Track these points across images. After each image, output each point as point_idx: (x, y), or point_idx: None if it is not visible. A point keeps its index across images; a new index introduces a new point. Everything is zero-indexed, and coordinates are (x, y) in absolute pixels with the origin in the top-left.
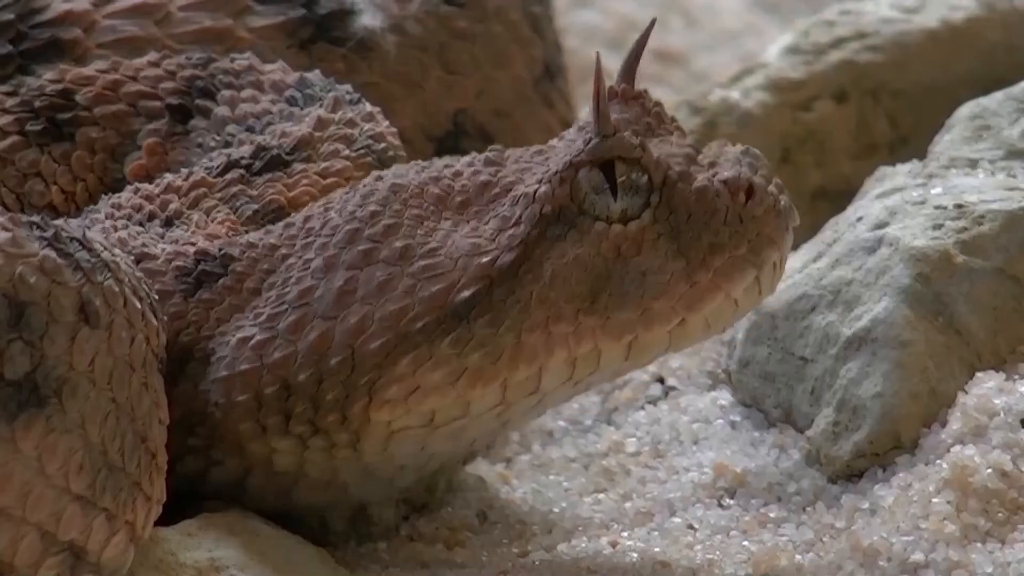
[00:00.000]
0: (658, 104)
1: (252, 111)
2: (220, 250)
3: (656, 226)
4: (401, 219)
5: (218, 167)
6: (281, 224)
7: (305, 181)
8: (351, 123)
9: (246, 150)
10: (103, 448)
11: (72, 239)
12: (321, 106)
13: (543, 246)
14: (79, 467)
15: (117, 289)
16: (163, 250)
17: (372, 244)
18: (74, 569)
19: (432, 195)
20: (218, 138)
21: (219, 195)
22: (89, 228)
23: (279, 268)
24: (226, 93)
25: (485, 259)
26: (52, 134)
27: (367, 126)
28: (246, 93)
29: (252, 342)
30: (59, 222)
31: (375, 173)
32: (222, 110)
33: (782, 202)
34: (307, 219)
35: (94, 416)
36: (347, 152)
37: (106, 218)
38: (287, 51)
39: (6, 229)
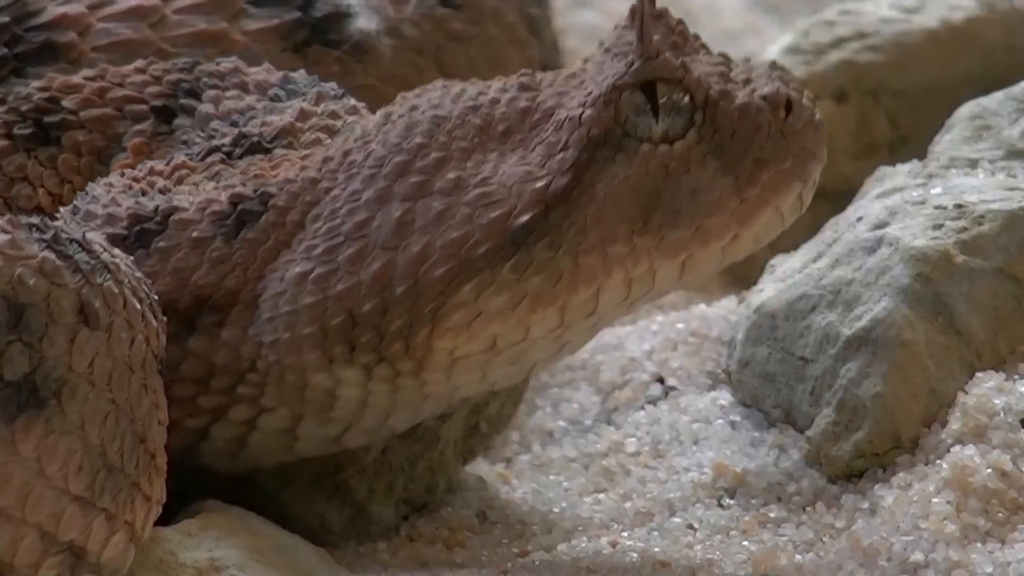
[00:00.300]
0: (680, 22)
1: (236, 107)
2: (256, 190)
3: (701, 145)
4: (449, 152)
5: (199, 153)
6: (318, 159)
7: (287, 163)
8: (334, 115)
9: (227, 139)
10: (102, 449)
11: (72, 240)
12: (304, 99)
13: (593, 169)
14: (78, 468)
15: (117, 290)
16: (191, 201)
17: (424, 176)
18: (74, 569)
19: (474, 125)
20: (202, 134)
21: (203, 175)
22: (89, 230)
23: (323, 200)
24: (211, 93)
25: (539, 184)
26: (39, 138)
27: (351, 119)
28: (231, 93)
29: (313, 275)
30: (59, 223)
31: (404, 99)
32: (206, 107)
33: (817, 115)
34: (346, 153)
35: (93, 417)
36: (329, 141)
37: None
38: (282, 54)
39: (5, 231)
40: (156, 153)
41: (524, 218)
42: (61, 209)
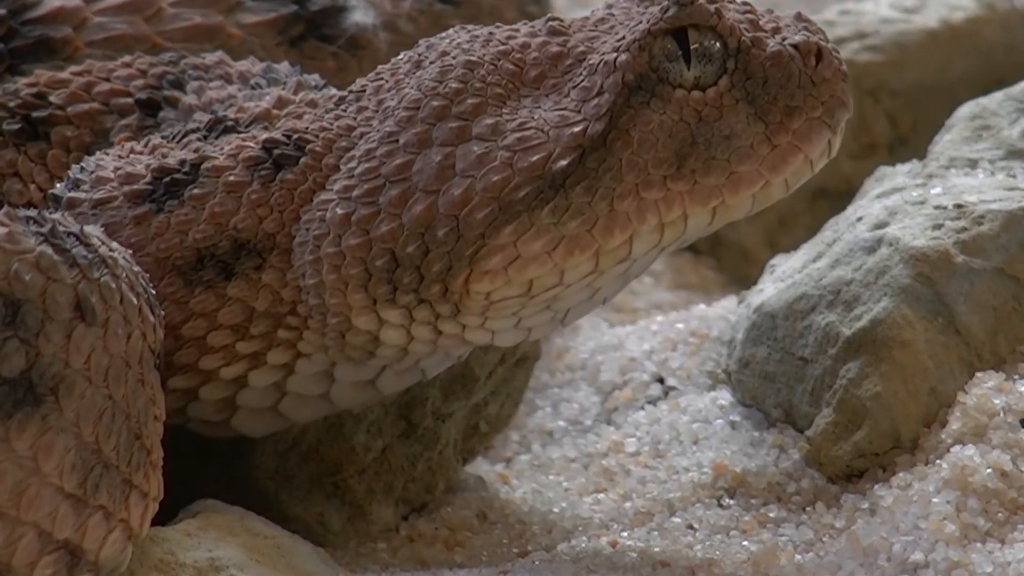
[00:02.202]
0: None
1: (217, 97)
2: (288, 135)
3: (733, 92)
4: (485, 97)
5: (175, 135)
6: (352, 107)
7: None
8: (312, 103)
9: (204, 124)
10: (97, 446)
11: (69, 234)
12: (284, 88)
13: (628, 114)
14: (72, 466)
15: (114, 285)
16: (221, 149)
17: (463, 121)
18: (71, 568)
19: (507, 70)
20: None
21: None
22: (102, 192)
23: (359, 144)
24: (194, 84)
25: (576, 129)
26: (28, 133)
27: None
28: (214, 84)
29: (355, 217)
30: (56, 216)
31: (430, 45)
32: (190, 99)
33: (843, 65)
34: (380, 101)
35: (90, 414)
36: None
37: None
38: (277, 48)
39: (3, 224)
40: None
41: (562, 162)
42: (57, 186)
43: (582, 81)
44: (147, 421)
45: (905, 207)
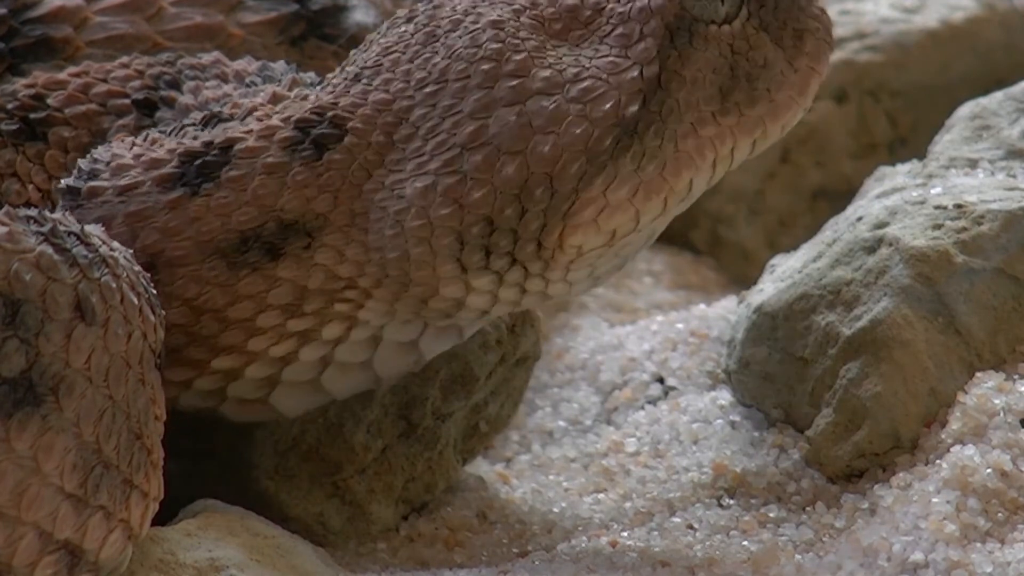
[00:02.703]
0: None
1: (213, 96)
2: (321, 114)
3: (752, 21)
4: (528, 52)
5: (171, 130)
6: (378, 80)
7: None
8: (306, 98)
9: (199, 120)
10: (98, 446)
11: (70, 233)
12: (279, 85)
13: (673, 55)
14: (72, 466)
15: (114, 285)
16: (249, 129)
17: (519, 79)
18: (71, 568)
19: (530, 26)
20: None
21: None
22: (127, 179)
23: (408, 119)
24: (191, 84)
25: (633, 73)
26: (26, 133)
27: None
28: (210, 83)
29: (440, 187)
30: (57, 215)
31: (425, 12)
32: (186, 98)
33: None
34: (408, 72)
35: (90, 414)
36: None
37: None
38: (278, 47)
39: (3, 224)
40: None
41: (633, 107)
42: (68, 179)
43: (615, 29)
44: (148, 421)
45: (905, 207)
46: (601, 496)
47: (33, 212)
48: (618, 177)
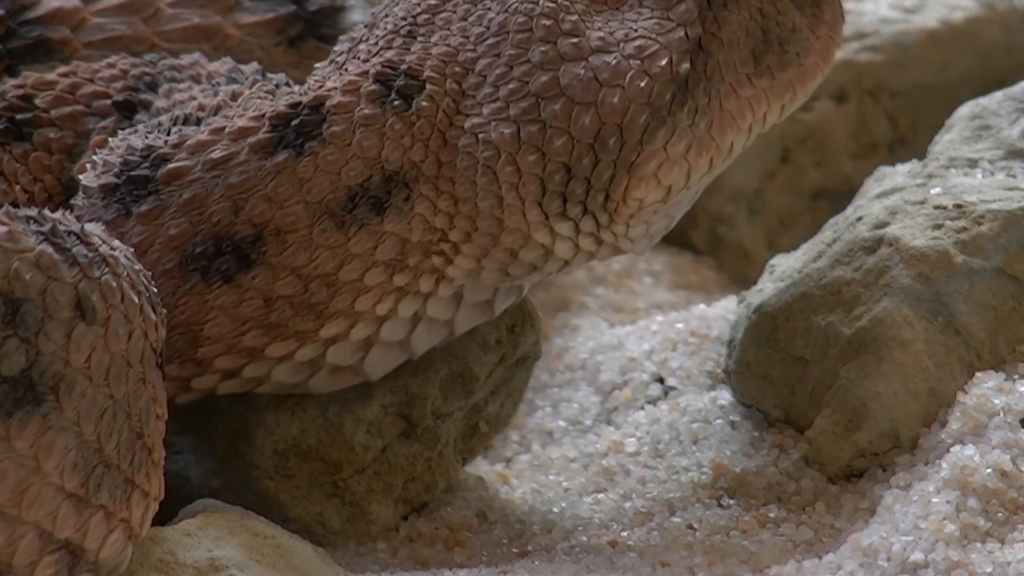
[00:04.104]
0: None
1: (181, 99)
2: (395, 67)
3: None
4: (579, 14)
5: (147, 131)
6: (435, 37)
7: None
8: (270, 92)
9: (168, 119)
10: (98, 445)
11: (70, 233)
12: (242, 85)
13: (710, 17)
14: (73, 465)
15: (115, 284)
16: (328, 89)
17: (578, 37)
18: (72, 567)
19: None
20: None
21: None
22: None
23: (473, 69)
24: (166, 87)
25: (680, 33)
26: (13, 133)
27: (286, 90)
28: (183, 85)
29: (524, 135)
30: (57, 215)
31: None
32: (159, 102)
33: None
34: (463, 29)
35: (91, 413)
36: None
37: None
38: (276, 48)
39: (3, 223)
40: None
41: (686, 64)
42: (95, 182)
43: None
44: (148, 420)
45: (905, 207)
46: (601, 496)
47: (33, 211)
48: (676, 131)
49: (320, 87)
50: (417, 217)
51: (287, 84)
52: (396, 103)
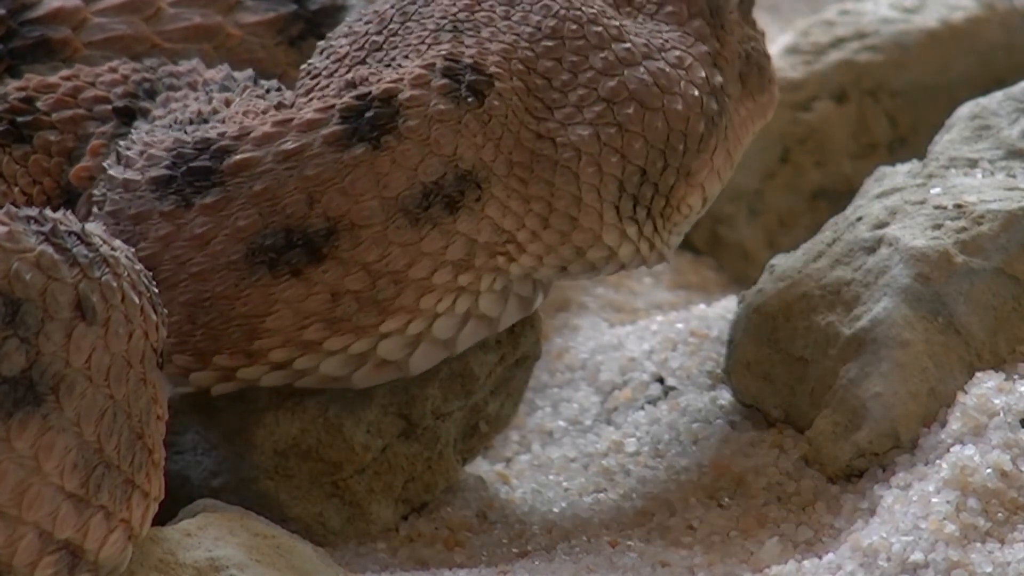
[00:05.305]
0: None
1: (176, 107)
2: (457, 60)
3: (742, 9)
4: (619, 21)
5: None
6: (485, 32)
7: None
8: (260, 96)
9: (178, 118)
10: (99, 446)
11: (70, 233)
12: (234, 92)
13: (716, 37)
14: (73, 465)
15: (115, 284)
16: (397, 80)
17: (628, 43)
18: (72, 568)
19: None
20: None
21: None
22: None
23: (535, 69)
24: (163, 95)
25: (703, 47)
26: (14, 135)
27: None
28: (179, 93)
29: (604, 136)
30: (58, 215)
31: None
32: (156, 110)
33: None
34: (509, 27)
35: (91, 413)
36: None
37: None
38: (277, 48)
39: (3, 223)
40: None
41: (718, 77)
42: (142, 175)
43: (661, 8)
44: (149, 421)
45: (905, 207)
46: (601, 496)
47: (33, 211)
48: (718, 142)
49: (378, 79)
50: (487, 219)
51: (278, 89)
52: (469, 99)
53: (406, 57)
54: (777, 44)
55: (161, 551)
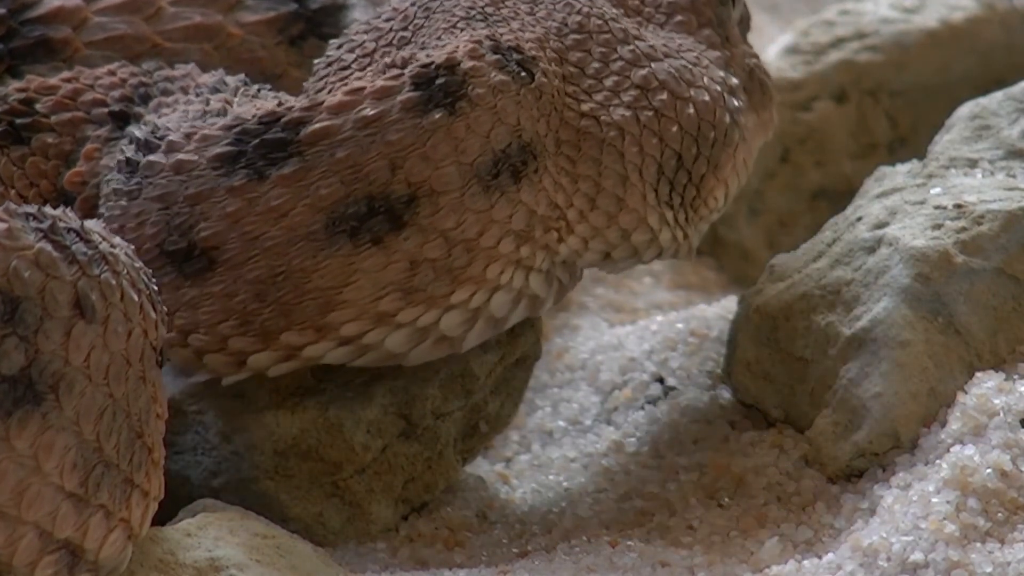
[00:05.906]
0: None
1: (167, 111)
2: (495, 39)
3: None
4: (639, 23)
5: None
6: (516, 24)
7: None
8: (253, 96)
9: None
10: (98, 445)
11: (69, 230)
12: (222, 95)
13: (722, 45)
14: (72, 464)
15: (114, 282)
16: (452, 52)
17: (646, 41)
18: (71, 567)
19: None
20: None
21: None
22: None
23: (567, 59)
24: (156, 100)
25: (716, 52)
26: (12, 137)
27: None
28: (172, 97)
29: (643, 118)
30: (57, 212)
31: None
32: (149, 115)
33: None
34: (535, 20)
35: (90, 412)
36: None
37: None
38: (277, 47)
39: (2, 220)
40: (104, 159)
41: (735, 80)
42: (204, 154)
43: (671, 18)
44: (148, 419)
45: (905, 207)
46: (601, 496)
47: (32, 209)
48: (740, 141)
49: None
50: (543, 191)
51: (269, 89)
52: (522, 76)
53: (439, 39)
54: (777, 44)
55: (161, 551)
